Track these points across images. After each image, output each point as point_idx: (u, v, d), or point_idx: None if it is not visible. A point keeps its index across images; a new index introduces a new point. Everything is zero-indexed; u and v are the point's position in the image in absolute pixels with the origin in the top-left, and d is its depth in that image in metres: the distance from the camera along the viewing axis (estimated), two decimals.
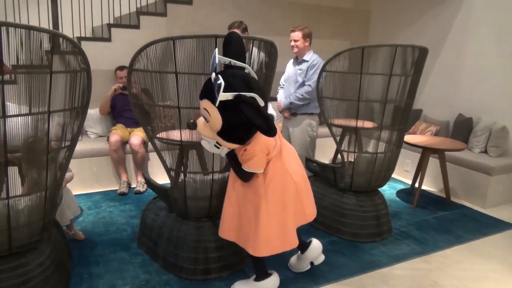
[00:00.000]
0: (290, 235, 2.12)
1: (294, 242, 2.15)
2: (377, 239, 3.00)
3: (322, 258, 2.54)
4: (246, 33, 3.60)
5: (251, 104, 1.70)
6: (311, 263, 2.52)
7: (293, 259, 2.57)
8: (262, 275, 2.28)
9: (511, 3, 3.95)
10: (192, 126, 1.91)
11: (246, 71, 1.88)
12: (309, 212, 2.25)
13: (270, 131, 1.73)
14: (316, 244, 2.51)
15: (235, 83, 1.75)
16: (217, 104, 1.72)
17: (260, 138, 1.91)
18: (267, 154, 1.98)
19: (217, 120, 1.78)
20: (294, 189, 2.11)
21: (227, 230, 2.20)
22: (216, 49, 1.83)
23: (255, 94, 1.74)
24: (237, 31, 3.52)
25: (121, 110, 4.04)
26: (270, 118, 1.72)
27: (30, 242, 2.00)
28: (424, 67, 2.98)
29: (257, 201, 2.03)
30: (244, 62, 1.89)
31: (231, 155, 2.03)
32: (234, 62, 1.84)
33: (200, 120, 1.89)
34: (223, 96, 1.69)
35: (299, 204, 2.16)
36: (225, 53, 1.87)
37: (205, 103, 1.80)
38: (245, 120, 1.74)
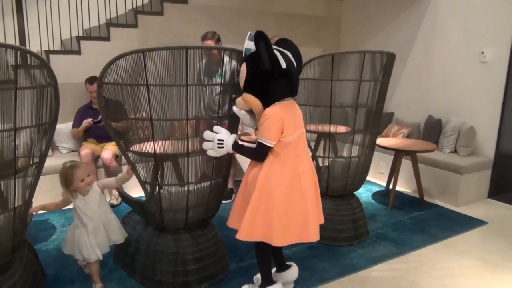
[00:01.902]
0: (277, 231, 2.05)
1: (279, 241, 2.07)
2: (355, 242, 3.04)
3: (291, 286, 2.47)
4: (220, 43, 3.61)
5: (267, 42, 1.89)
6: None
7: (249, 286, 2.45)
8: (267, 282, 2.28)
9: (474, 9, 4.11)
10: (234, 101, 2.14)
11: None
12: (314, 233, 2.16)
13: (267, 65, 1.93)
14: (296, 270, 2.45)
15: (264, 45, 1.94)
16: (243, 53, 1.97)
17: (276, 107, 2.02)
18: (282, 132, 2.01)
19: (243, 71, 2.01)
20: (299, 201, 2.10)
21: (232, 218, 2.24)
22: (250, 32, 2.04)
23: (278, 54, 1.97)
24: (211, 42, 3.54)
25: (90, 128, 3.89)
26: (277, 62, 1.94)
27: (1, 264, 1.93)
28: (394, 71, 3.06)
29: (259, 183, 2.05)
30: (299, 64, 2.15)
31: (237, 145, 2.11)
32: (279, 48, 2.05)
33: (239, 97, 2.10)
34: (247, 43, 1.94)
35: (302, 218, 2.10)
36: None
37: (242, 66, 2.04)
38: (263, 71, 1.95)
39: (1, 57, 1.65)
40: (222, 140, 2.08)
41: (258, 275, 2.46)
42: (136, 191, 3.80)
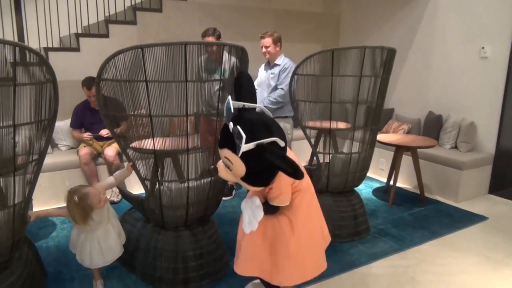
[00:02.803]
0: (320, 259, 2.14)
1: (324, 265, 2.15)
2: (356, 238, 3.04)
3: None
4: (220, 40, 3.60)
5: (274, 153, 1.69)
6: None
7: (253, 284, 2.44)
8: None
9: (475, 4, 4.09)
10: (215, 172, 1.90)
11: (258, 110, 1.86)
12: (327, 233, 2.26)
13: (296, 175, 1.70)
14: None
15: (254, 130, 1.69)
16: (239, 155, 1.69)
17: (280, 176, 1.86)
18: (292, 184, 1.95)
19: (240, 168, 1.74)
20: (317, 210, 2.15)
21: (251, 266, 2.06)
22: (230, 96, 1.79)
23: (275, 138, 1.71)
24: (212, 38, 3.54)
25: (88, 129, 3.83)
26: (295, 163, 1.68)
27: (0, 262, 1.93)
28: (394, 68, 3.05)
29: (286, 231, 1.99)
30: (255, 101, 1.87)
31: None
32: (248, 105, 1.81)
33: (220, 165, 1.84)
34: (245, 147, 1.66)
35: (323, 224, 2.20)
36: (237, 95, 1.84)
37: (226, 153, 1.76)
38: (269, 165, 1.73)
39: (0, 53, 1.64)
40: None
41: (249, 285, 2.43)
42: (136, 188, 3.80)
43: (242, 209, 2.00)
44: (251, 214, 1.94)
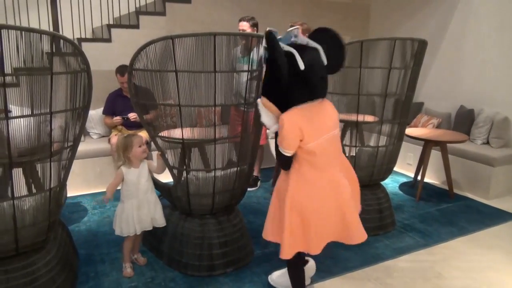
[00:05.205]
0: (313, 240, 1.94)
1: (317, 249, 1.95)
2: (381, 232, 3.01)
3: (308, 281, 2.33)
4: (255, 29, 3.62)
5: (271, 40, 1.74)
6: None
7: (277, 273, 2.38)
8: None
9: None
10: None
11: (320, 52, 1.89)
12: (357, 235, 2.01)
13: (272, 58, 1.77)
14: (313, 265, 2.37)
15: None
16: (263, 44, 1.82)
17: (293, 112, 1.83)
18: (301, 140, 1.84)
19: (267, 102, 1.88)
20: (334, 203, 1.96)
21: (267, 230, 2.04)
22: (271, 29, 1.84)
23: (293, 50, 1.77)
24: (246, 23, 3.55)
25: (119, 116, 3.96)
26: (281, 56, 1.75)
27: (36, 242, 2.03)
28: (425, 60, 2.98)
29: (288, 198, 1.89)
30: (337, 58, 1.95)
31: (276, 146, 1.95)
32: (312, 43, 1.88)
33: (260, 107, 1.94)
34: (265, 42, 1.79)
35: (341, 221, 1.97)
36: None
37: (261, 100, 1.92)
38: (274, 71, 1.80)
39: (37, 43, 1.72)
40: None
41: (274, 275, 2.39)
42: (163, 176, 3.88)
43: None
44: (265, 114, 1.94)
